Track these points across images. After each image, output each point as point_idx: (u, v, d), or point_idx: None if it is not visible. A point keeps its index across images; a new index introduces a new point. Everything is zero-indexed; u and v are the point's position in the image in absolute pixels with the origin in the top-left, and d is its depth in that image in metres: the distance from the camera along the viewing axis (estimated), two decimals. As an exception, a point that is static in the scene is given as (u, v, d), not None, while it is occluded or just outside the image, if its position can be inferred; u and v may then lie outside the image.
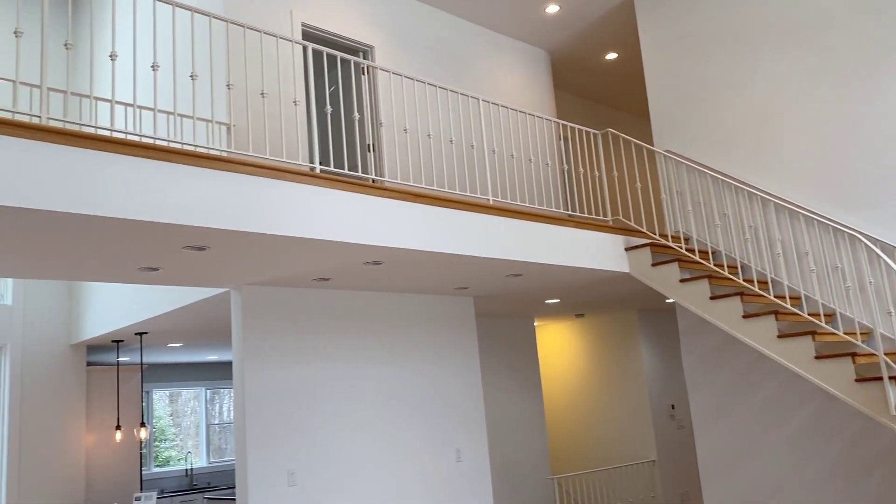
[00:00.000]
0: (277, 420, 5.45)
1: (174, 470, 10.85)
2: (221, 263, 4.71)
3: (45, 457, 7.61)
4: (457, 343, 6.81)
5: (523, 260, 5.48)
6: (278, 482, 5.35)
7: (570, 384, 10.12)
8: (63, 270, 4.54)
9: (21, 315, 7.73)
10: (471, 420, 6.73)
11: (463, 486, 6.49)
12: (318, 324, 5.86)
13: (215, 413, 11.66)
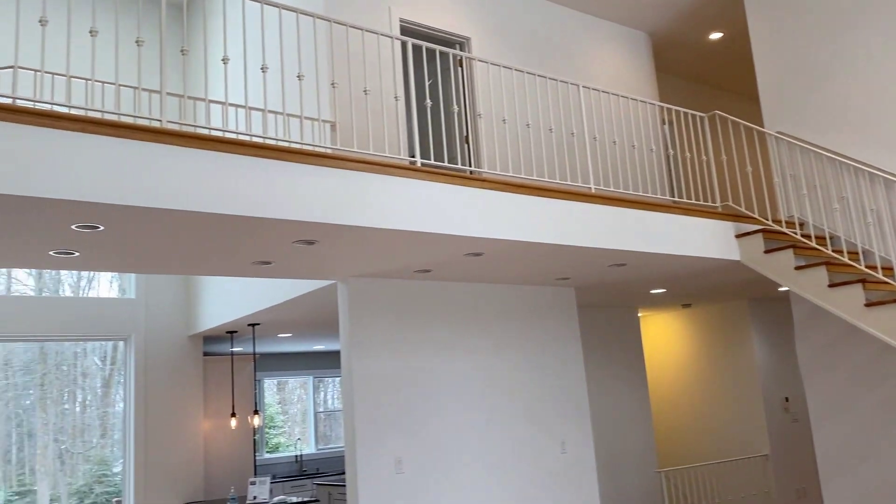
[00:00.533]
0: (384, 409, 5.58)
1: (285, 456, 11.29)
2: (328, 257, 4.84)
3: (167, 441, 8.09)
4: (559, 334, 6.75)
5: (627, 249, 5.36)
6: (386, 469, 5.48)
7: (677, 376, 9.85)
8: (184, 265, 4.79)
9: (143, 308, 8.22)
10: (575, 412, 6.66)
11: (568, 477, 6.45)
12: (420, 315, 5.95)
13: (320, 401, 12.04)
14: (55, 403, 9.21)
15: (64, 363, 9.31)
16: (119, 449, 8.00)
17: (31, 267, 4.49)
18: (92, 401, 9.61)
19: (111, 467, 9.38)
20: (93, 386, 9.73)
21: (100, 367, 9.80)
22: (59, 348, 9.54)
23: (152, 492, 7.88)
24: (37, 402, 9.08)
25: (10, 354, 9.70)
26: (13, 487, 9.50)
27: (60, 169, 3.28)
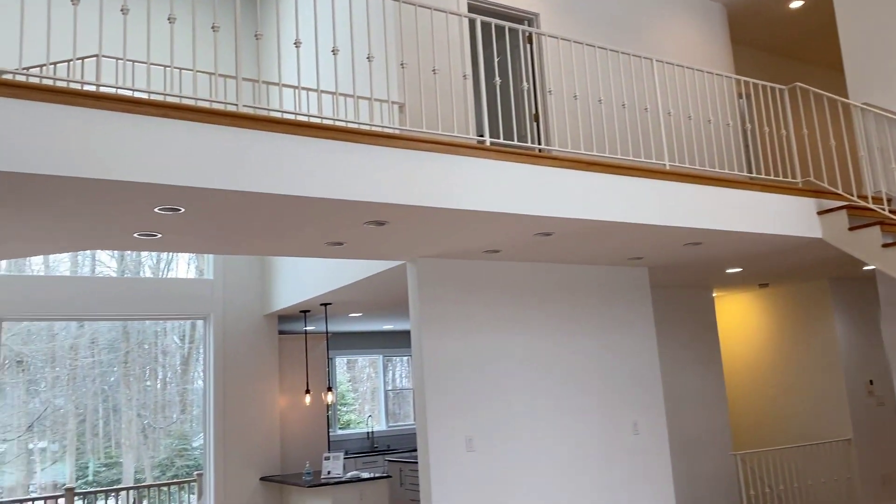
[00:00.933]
0: (454, 388, 5.61)
1: (356, 433, 11.52)
2: (398, 237, 4.88)
3: (245, 417, 8.35)
4: (631, 314, 6.64)
5: (702, 227, 5.22)
6: (457, 448, 5.52)
7: (753, 357, 9.58)
8: (260, 246, 4.91)
9: (221, 288, 8.48)
10: (647, 393, 6.56)
11: (640, 459, 6.37)
12: (490, 295, 5.94)
13: (389, 380, 12.21)
14: (138, 380, 9.67)
15: (145, 342, 9.68)
16: (198, 424, 8.30)
17: (117, 249, 4.68)
18: (172, 378, 9.99)
19: (191, 441, 9.74)
20: (172, 363, 10.08)
21: (179, 345, 10.13)
22: (140, 327, 9.90)
23: (231, 465, 8.17)
24: (121, 378, 9.48)
25: (96, 333, 10.13)
26: (101, 459, 10.06)
27: (144, 153, 3.39)
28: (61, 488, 9.26)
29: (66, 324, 9.59)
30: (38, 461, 9.50)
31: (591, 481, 6.07)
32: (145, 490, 9.84)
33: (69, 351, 9.53)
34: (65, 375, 9.22)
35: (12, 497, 8.93)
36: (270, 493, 8.31)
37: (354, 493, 7.27)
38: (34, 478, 9.64)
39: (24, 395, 9.36)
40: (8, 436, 9.23)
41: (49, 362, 9.49)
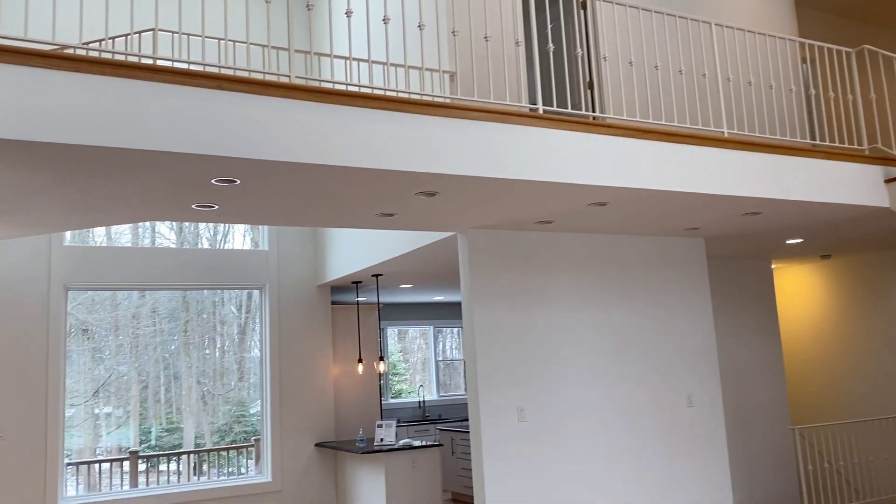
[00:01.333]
0: (506, 358, 5.61)
1: (408, 402, 11.67)
2: (449, 208, 4.87)
3: (300, 384, 8.53)
4: (687, 286, 6.52)
5: (762, 196, 5.07)
6: (508, 418, 5.54)
7: (813, 331, 9.33)
8: (313, 218, 4.96)
9: (276, 259, 8.63)
10: (702, 365, 6.46)
11: (695, 431, 6.29)
12: (542, 266, 5.90)
13: (440, 351, 12.29)
14: (197, 348, 9.77)
15: (204, 311, 9.96)
16: (255, 391, 8.52)
17: (176, 220, 4.78)
18: (230, 346, 10.02)
19: (248, 408, 9.85)
20: (230, 333, 10.15)
21: (236, 315, 10.13)
22: (199, 297, 10.21)
23: (287, 432, 8.37)
24: (181, 346, 9.68)
25: (157, 303, 10.48)
26: (163, 425, 10.17)
27: (199, 125, 3.44)
28: (126, 452, 9.69)
29: (128, 293, 9.93)
30: (104, 426, 9.83)
31: (645, 454, 6.03)
32: (205, 454, 10.16)
33: (131, 320, 9.86)
34: (128, 344, 9.57)
35: (81, 459, 9.39)
36: (325, 459, 8.50)
37: (407, 461, 7.38)
38: (100, 441, 10.04)
39: (89, 362, 9.66)
40: (75, 401, 9.62)
41: (112, 331, 9.84)
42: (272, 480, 8.21)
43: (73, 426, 9.79)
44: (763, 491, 7.96)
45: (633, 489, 5.92)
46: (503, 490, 5.42)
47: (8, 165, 3.43)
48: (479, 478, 5.42)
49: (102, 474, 9.22)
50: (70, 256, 7.68)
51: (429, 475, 7.47)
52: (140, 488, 8.35)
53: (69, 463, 8.46)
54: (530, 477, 5.53)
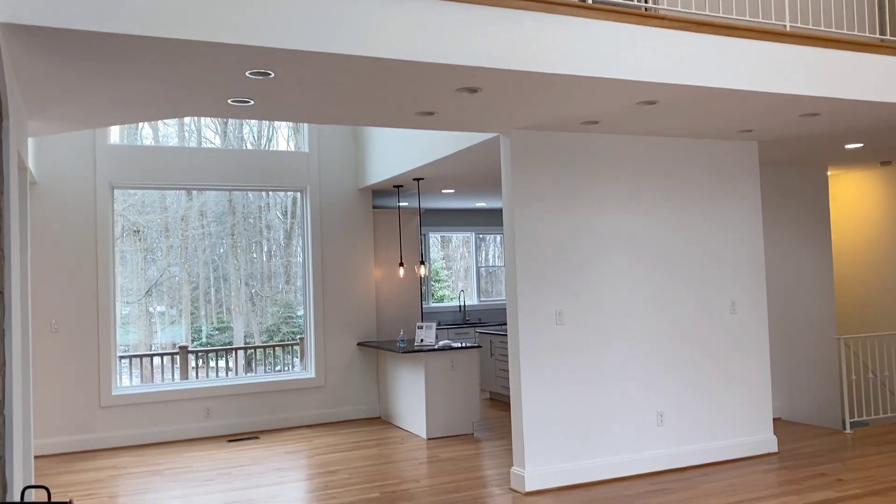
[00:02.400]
0: (546, 262, 5.56)
1: (449, 306, 11.80)
2: (492, 106, 4.72)
3: (343, 286, 8.65)
4: (737, 191, 6.31)
5: (823, 95, 4.79)
6: (546, 321, 5.54)
7: (866, 240, 9.04)
8: (350, 115, 4.86)
9: (317, 162, 8.59)
10: (748, 272, 6.33)
11: (737, 338, 6.23)
12: (586, 169, 5.75)
13: (481, 258, 12.30)
14: (244, 252, 10.02)
15: (250, 216, 10.12)
16: (302, 294, 8.68)
17: (213, 115, 4.74)
18: (276, 251, 10.25)
19: (295, 310, 10.13)
20: (276, 237, 10.34)
21: (281, 220, 10.29)
22: (244, 202, 10.33)
23: (331, 332, 8.56)
24: (229, 250, 9.94)
25: (204, 206, 10.64)
26: (214, 324, 10.65)
27: (232, 14, 3.33)
28: (178, 347, 10.16)
29: (177, 196, 10.15)
30: (158, 323, 10.15)
31: (685, 360, 6.00)
32: (252, 351, 10.53)
33: (180, 222, 10.07)
34: (177, 245, 9.83)
35: (136, 352, 9.90)
36: (367, 358, 8.71)
37: (446, 361, 7.51)
38: (154, 337, 10.46)
39: (142, 262, 9.86)
40: (130, 299, 9.99)
41: (163, 233, 10.10)
42: (315, 376, 8.47)
43: (129, 323, 10.26)
44: (804, 400, 7.93)
45: (671, 394, 5.93)
46: (540, 391, 5.48)
47: (47, 57, 3.39)
48: (515, 379, 5.48)
49: (154, 368, 9.65)
50: (115, 155, 7.76)
51: (467, 375, 7.60)
52: (190, 380, 8.70)
53: (122, 356, 8.83)
54: (567, 379, 5.57)
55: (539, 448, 5.44)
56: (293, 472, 6.25)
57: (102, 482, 6.17)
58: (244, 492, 5.68)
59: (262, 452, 7.06)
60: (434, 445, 7.11)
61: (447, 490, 5.52)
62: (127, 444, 7.60)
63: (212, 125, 10.63)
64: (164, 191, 9.13)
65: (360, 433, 7.83)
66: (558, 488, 5.44)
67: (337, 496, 5.48)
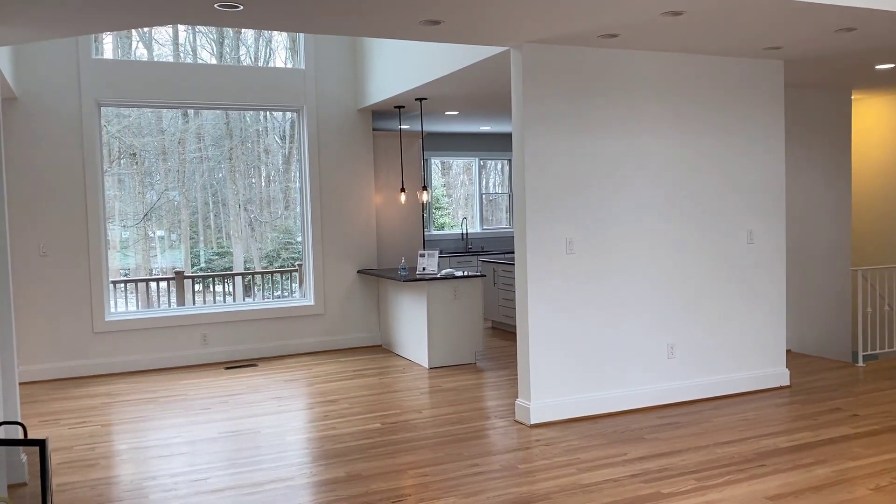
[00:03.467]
0: (557, 188, 5.25)
1: (451, 233, 11.53)
2: (503, 13, 4.31)
3: (342, 212, 8.35)
4: (759, 115, 5.94)
5: (862, 6, 4.37)
6: (556, 249, 5.26)
7: (888, 168, 8.69)
8: (349, 25, 4.46)
9: (314, 80, 8.16)
10: (768, 200, 6.02)
11: (753, 268, 5.97)
12: (602, 87, 5.37)
13: (483, 185, 11.95)
14: (243, 176, 9.86)
15: (248, 140, 9.81)
16: (300, 220, 8.41)
17: (199, 23, 4.34)
18: (275, 176, 10.16)
19: (295, 236, 10.00)
20: (275, 162, 10.21)
21: (280, 145, 10.13)
22: (242, 125, 10.00)
23: (330, 259, 8.31)
24: (227, 175, 9.76)
25: (202, 129, 10.30)
26: (213, 249, 10.64)
27: None
28: (174, 272, 10.02)
29: (173, 118, 9.89)
30: (158, 248, 10.13)
31: (698, 290, 5.76)
32: (251, 277, 10.33)
33: (178, 146, 9.77)
34: (175, 169, 9.59)
35: (128, 277, 9.80)
36: (367, 286, 8.49)
37: (448, 290, 7.28)
38: (154, 262, 10.29)
39: (139, 186, 9.74)
40: (128, 223, 9.75)
41: (160, 156, 9.84)
42: (315, 304, 8.27)
43: (128, 247, 10.06)
44: (817, 331, 7.75)
45: (683, 326, 5.71)
46: (547, 322, 5.25)
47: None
48: (522, 309, 5.25)
49: (150, 293, 9.45)
50: (102, 71, 7.33)
51: (470, 304, 7.38)
52: (187, 306, 8.50)
53: (114, 281, 8.61)
54: (576, 310, 5.34)
55: (545, 380, 5.26)
56: (292, 401, 6.10)
57: (96, 409, 6.02)
58: (242, 421, 5.53)
59: (260, 380, 6.91)
60: (436, 375, 6.96)
61: (450, 421, 5.36)
62: (121, 370, 7.45)
63: (207, 45, 10.14)
64: (155, 109, 8.74)
65: (361, 361, 7.68)
66: (564, 420, 5.28)
67: (337, 426, 5.32)
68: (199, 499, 3.99)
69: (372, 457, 4.62)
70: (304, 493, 4.03)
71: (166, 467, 4.54)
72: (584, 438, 4.86)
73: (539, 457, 4.52)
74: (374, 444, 4.87)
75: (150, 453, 4.83)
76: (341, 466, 4.45)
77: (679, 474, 4.17)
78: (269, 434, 5.19)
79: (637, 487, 3.98)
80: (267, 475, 4.34)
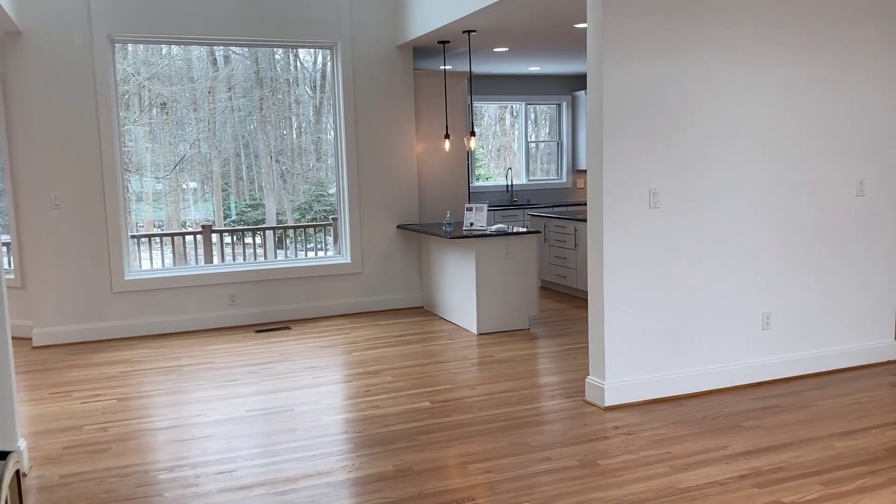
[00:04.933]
0: (640, 129, 4.42)
1: (495, 185, 10.72)
2: None
3: (380, 161, 7.59)
4: (877, 44, 5.00)
5: None
6: (637, 203, 4.46)
7: None
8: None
9: (349, 11, 7.32)
10: (883, 144, 5.12)
11: (862, 226, 5.11)
12: (695, 9, 4.47)
13: (531, 132, 11.05)
14: (274, 128, 9.71)
15: (279, 91, 9.66)
16: (333, 172, 7.70)
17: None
18: (306, 128, 9.96)
19: (327, 188, 9.83)
20: (305, 113, 10.04)
21: (311, 95, 9.96)
22: (272, 74, 9.84)
23: (367, 213, 7.58)
24: (258, 126, 9.65)
25: (232, 78, 10.00)
26: (245, 201, 10.45)
27: None
28: (200, 226, 9.65)
29: (203, 66, 9.70)
30: (191, 200, 10.07)
31: (798, 250, 4.93)
32: (283, 231, 9.71)
33: (208, 95, 9.62)
34: (206, 119, 9.48)
35: (169, 230, 9.72)
36: (407, 242, 7.76)
37: (499, 248, 6.53)
38: (187, 213, 10.19)
39: (170, 137, 9.59)
40: (159, 174, 9.66)
41: (191, 106, 9.66)
42: (351, 262, 7.58)
43: (160, 199, 9.94)
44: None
45: (781, 292, 4.90)
46: (625, 287, 4.48)
47: None
48: (596, 273, 4.48)
49: (176, 248, 8.84)
50: (114, 2, 6.56)
51: (524, 264, 6.63)
52: (214, 264, 7.87)
53: (135, 235, 8.01)
54: (659, 273, 4.56)
55: (622, 354, 4.51)
56: (328, 372, 5.45)
57: (113, 380, 5.44)
58: (273, 396, 4.89)
59: (293, 346, 6.28)
60: (486, 342, 6.26)
61: (509, 400, 4.67)
62: (143, 333, 6.87)
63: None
64: (177, 47, 8.01)
65: (402, 325, 7.01)
66: (644, 402, 4.55)
67: (380, 404, 4.66)
68: (222, 497, 3.36)
69: (423, 445, 3.94)
70: (345, 494, 3.38)
71: (187, 454, 3.92)
72: (672, 426, 4.13)
73: (621, 449, 3.81)
74: (425, 429, 4.20)
75: (168, 436, 4.22)
76: (388, 458, 3.79)
77: (798, 476, 3.43)
78: (304, 413, 4.54)
79: (751, 494, 3.25)
80: (302, 468, 3.69)
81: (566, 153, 11.02)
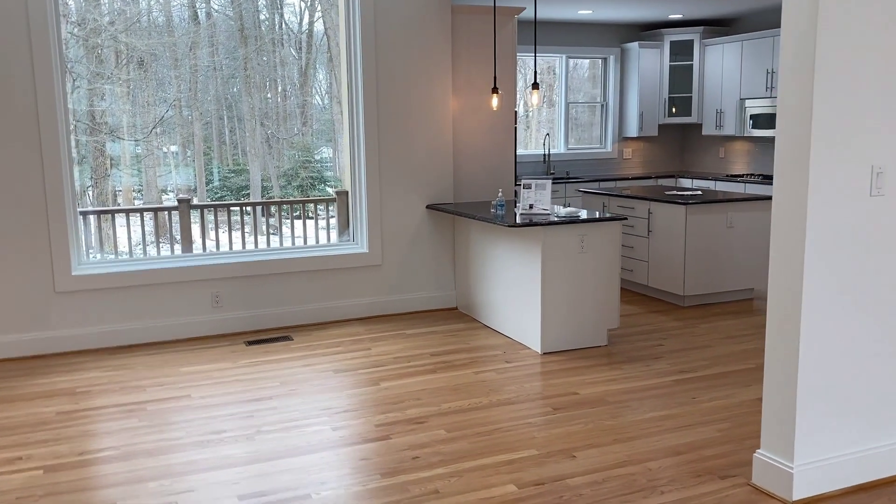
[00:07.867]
0: (861, 88, 2.78)
1: (529, 154, 9.06)
2: None
3: (407, 122, 5.91)
4: None
5: None
6: (853, 186, 2.85)
7: None
8: None
9: (370, -76, 5.57)
10: None
11: None
12: None
13: (571, 92, 9.35)
14: (259, 90, 9.39)
15: (263, 51, 9.15)
16: (319, 137, 6.14)
17: None
18: (291, 91, 9.62)
19: (314, 154, 9.61)
20: (290, 76, 9.65)
21: (296, 57, 9.68)
22: (257, 33, 9.31)
23: (389, 190, 5.92)
24: (242, 88, 9.16)
25: (214, 36, 9.22)
26: (228, 166, 9.82)
27: None
28: (191, 192, 9.15)
29: (182, 18, 9.16)
30: (172, 165, 9.61)
31: None
32: (275, 206, 8.05)
33: (188, 51, 9.07)
34: (187, 79, 8.96)
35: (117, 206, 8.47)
36: (440, 226, 6.12)
37: (573, 239, 4.90)
38: (169, 178, 9.62)
39: (150, 97, 9.15)
40: (137, 136, 9.19)
41: (172, 63, 9.11)
42: (369, 251, 5.93)
43: (139, 162, 9.17)
44: None
45: None
46: (833, 314, 2.88)
47: None
48: (782, 289, 2.87)
49: (146, 226, 7.14)
50: None
51: (602, 261, 5.01)
52: (192, 255, 6.20)
53: (85, 212, 6.34)
54: (888, 297, 2.96)
55: (822, 418, 2.93)
56: (352, 419, 3.84)
57: (45, 428, 3.80)
58: (275, 466, 3.28)
59: (297, 369, 4.66)
60: (558, 367, 4.66)
61: (634, 483, 3.09)
62: (97, 345, 5.21)
63: None
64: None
65: (436, 336, 5.40)
66: (852, 489, 2.99)
67: (441, 487, 3.08)
68: None
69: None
70: None
71: None
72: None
73: None
74: (526, 548, 2.62)
75: (111, 560, 2.61)
76: None
77: None
78: (326, 503, 2.94)
79: None
80: None
81: (612, 117, 9.35)
